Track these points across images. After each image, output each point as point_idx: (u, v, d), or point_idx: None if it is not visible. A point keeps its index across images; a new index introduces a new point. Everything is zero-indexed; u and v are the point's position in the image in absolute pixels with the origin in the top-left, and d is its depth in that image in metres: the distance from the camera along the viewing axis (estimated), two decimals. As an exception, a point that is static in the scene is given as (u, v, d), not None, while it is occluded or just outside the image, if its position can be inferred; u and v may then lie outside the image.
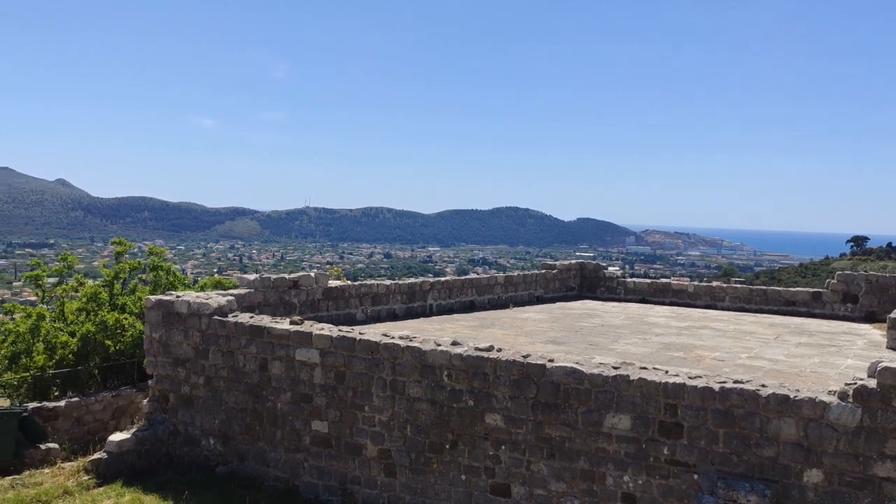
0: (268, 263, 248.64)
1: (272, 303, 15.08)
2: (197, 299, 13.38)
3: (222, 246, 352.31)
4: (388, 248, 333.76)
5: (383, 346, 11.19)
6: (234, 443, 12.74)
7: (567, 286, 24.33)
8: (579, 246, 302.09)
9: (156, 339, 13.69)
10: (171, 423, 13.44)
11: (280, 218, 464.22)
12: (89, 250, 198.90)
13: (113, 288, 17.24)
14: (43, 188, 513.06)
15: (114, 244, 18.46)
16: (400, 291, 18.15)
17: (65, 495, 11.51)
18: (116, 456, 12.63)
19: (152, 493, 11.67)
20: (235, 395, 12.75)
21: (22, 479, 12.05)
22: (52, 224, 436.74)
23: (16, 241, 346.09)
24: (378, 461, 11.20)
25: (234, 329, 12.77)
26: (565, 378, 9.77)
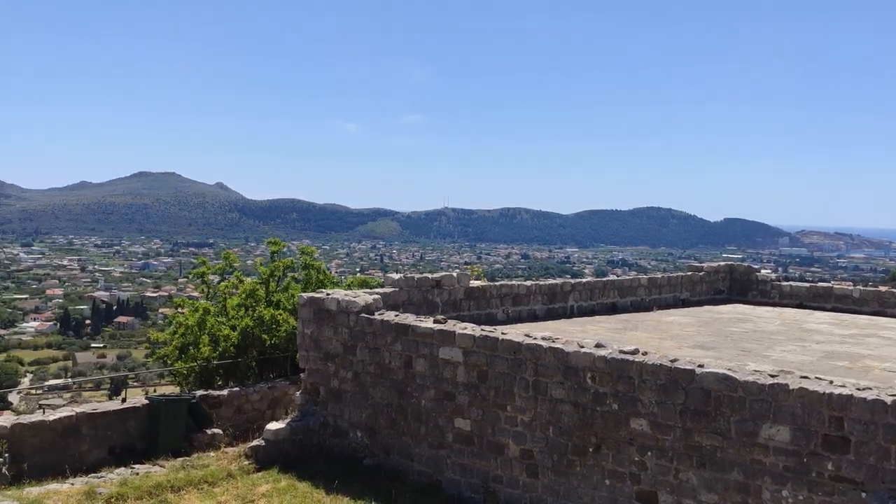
0: (407, 263, 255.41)
1: (416, 302, 15.45)
2: (345, 297, 13.95)
3: (364, 246, 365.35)
4: (525, 248, 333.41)
5: (525, 347, 11.20)
6: (380, 436, 13.18)
7: (715, 289, 23.31)
8: (726, 247, 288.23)
9: (307, 334, 14.40)
10: (321, 415, 14.09)
11: (419, 219, 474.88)
12: (244, 249, 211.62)
13: (269, 285, 18.28)
14: (204, 191, 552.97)
15: (269, 244, 19.57)
16: (541, 292, 18.07)
17: (228, 478, 12.34)
18: (273, 444, 13.40)
19: (305, 481, 12.29)
20: (381, 391, 13.18)
21: (191, 461, 13.05)
22: (212, 225, 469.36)
23: (180, 241, 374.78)
24: (520, 461, 11.22)
25: (381, 327, 13.20)
26: (717, 385, 9.38)
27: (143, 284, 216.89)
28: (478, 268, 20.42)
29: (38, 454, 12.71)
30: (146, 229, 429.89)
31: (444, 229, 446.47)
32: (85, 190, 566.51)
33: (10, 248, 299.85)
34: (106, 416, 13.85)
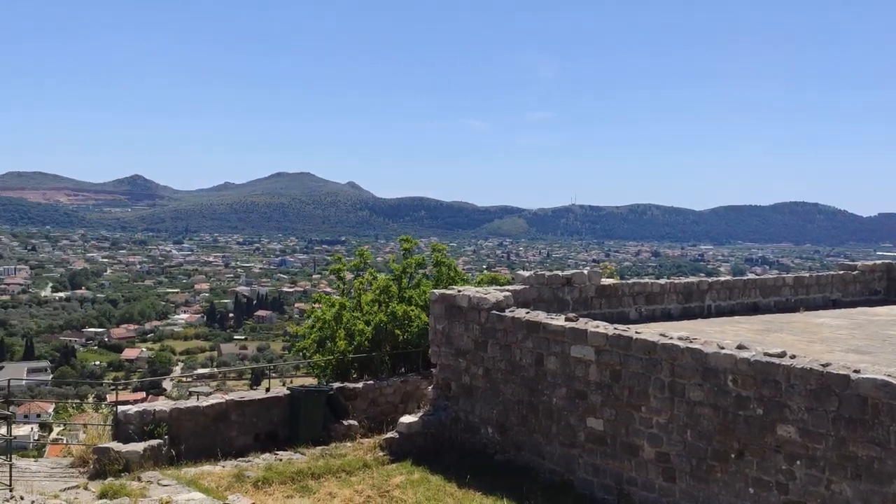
0: (534, 261, 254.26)
1: (546, 299, 15.36)
2: (476, 294, 14.08)
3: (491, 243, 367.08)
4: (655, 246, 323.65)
5: (661, 347, 10.89)
6: (511, 433, 13.20)
7: (871, 290, 21.70)
8: (881, 245, 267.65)
9: (439, 330, 14.65)
10: (453, 411, 14.29)
11: (546, 216, 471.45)
12: (373, 246, 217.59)
13: (401, 282, 18.71)
14: (336, 191, 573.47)
15: (401, 241, 20.03)
16: (675, 291, 17.50)
17: (364, 468, 12.77)
18: (406, 437, 13.74)
19: (438, 474, 12.51)
20: (512, 388, 13.20)
21: (330, 450, 13.61)
22: (344, 223, 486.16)
23: (314, 238, 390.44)
24: (656, 464, 10.92)
25: (512, 324, 13.23)
26: (875, 392, 8.74)
27: (281, 280, 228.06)
28: (610, 265, 19.98)
29: (193, 437, 13.64)
30: (283, 227, 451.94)
31: (572, 226, 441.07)
32: (228, 191, 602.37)
33: (163, 245, 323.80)
34: (252, 405, 14.66)
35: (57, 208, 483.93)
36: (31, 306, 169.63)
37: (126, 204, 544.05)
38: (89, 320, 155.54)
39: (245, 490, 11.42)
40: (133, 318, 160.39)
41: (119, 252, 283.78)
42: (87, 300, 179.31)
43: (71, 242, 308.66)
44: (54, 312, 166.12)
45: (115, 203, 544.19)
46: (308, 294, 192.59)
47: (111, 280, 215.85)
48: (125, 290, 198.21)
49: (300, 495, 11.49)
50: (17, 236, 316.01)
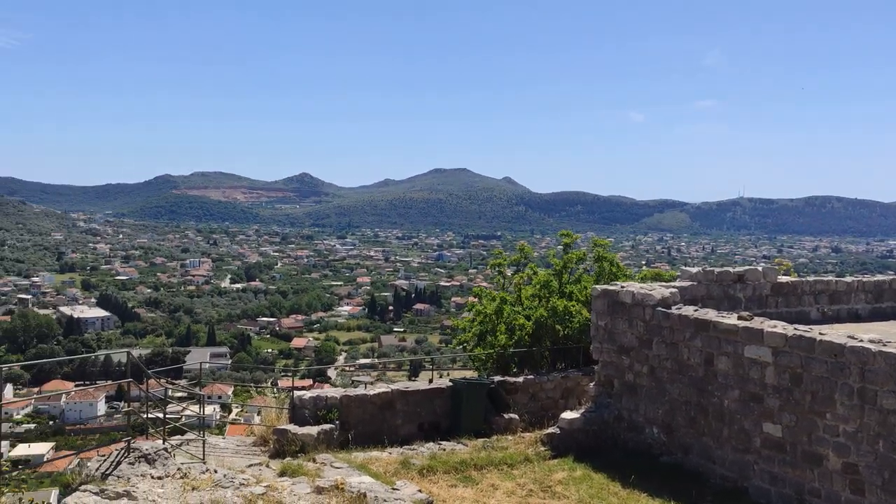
0: (697, 256, 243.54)
1: (715, 297, 14.66)
2: (640, 290, 13.68)
3: (650, 238, 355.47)
4: (836, 241, 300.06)
5: (849, 349, 10.07)
6: (678, 435, 12.73)
7: None
8: None
9: (601, 326, 14.38)
10: (615, 408, 13.99)
11: (710, 210, 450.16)
12: (529, 241, 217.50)
13: (562, 277, 18.57)
14: (492, 186, 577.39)
15: (561, 236, 19.86)
16: (864, 290, 16.13)
17: (525, 461, 12.79)
18: (567, 433, 13.62)
19: (600, 472, 12.30)
20: (679, 388, 12.72)
21: (491, 442, 13.75)
22: (500, 218, 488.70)
23: (471, 233, 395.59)
24: (842, 475, 10.13)
25: (678, 321, 12.74)
26: None
27: (438, 274, 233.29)
28: (786, 261, 18.73)
29: (362, 424, 14.25)
30: (440, 222, 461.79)
31: (739, 220, 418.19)
32: (388, 187, 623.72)
33: (328, 240, 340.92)
34: (416, 395, 15.09)
35: (235, 205, 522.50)
36: (212, 296, 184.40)
37: (294, 201, 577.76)
38: (262, 310, 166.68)
39: (411, 477, 11.77)
40: (301, 308, 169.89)
41: (288, 246, 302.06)
42: (260, 291, 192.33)
43: (246, 237, 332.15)
44: (232, 302, 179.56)
45: (285, 200, 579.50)
46: (464, 288, 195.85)
47: (281, 273, 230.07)
48: (294, 282, 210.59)
49: (463, 485, 11.69)
50: (202, 231, 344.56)
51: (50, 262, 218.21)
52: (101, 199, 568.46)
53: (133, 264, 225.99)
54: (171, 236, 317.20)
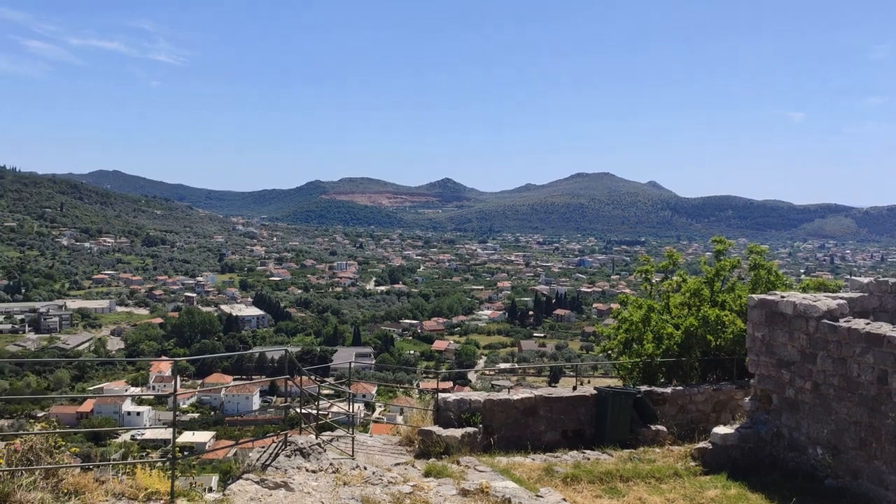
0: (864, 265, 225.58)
1: (889, 310, 13.47)
2: (803, 301, 12.80)
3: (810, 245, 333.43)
4: None
5: None
6: (846, 457, 11.78)
7: None
8: None
9: (758, 338, 13.57)
10: (773, 425, 13.16)
11: (880, 215, 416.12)
12: (675, 247, 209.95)
13: (713, 285, 17.73)
14: (636, 190, 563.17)
15: (713, 242, 18.98)
16: None
17: (674, 476, 12.29)
18: (720, 448, 12.95)
19: (757, 492, 11.60)
20: (847, 406, 11.77)
21: (637, 454, 13.34)
22: (644, 223, 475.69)
23: (613, 239, 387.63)
24: None
25: (848, 335, 11.80)
26: None
27: (579, 280, 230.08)
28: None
29: (505, 428, 14.25)
30: (582, 227, 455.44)
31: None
32: (529, 192, 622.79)
33: (469, 244, 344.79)
34: (559, 402, 14.90)
35: (380, 210, 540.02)
36: (358, 298, 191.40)
37: (437, 205, 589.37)
38: (405, 312, 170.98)
39: (554, 485, 11.62)
40: (442, 311, 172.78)
41: (431, 250, 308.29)
42: (403, 294, 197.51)
43: (391, 241, 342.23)
44: (376, 304, 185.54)
45: (427, 205, 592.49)
46: (607, 294, 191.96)
47: (424, 276, 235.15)
48: (436, 285, 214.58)
49: (609, 496, 11.40)
50: (349, 235, 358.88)
51: (212, 263, 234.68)
52: (257, 204, 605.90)
53: (286, 266, 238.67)
54: (321, 239, 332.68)
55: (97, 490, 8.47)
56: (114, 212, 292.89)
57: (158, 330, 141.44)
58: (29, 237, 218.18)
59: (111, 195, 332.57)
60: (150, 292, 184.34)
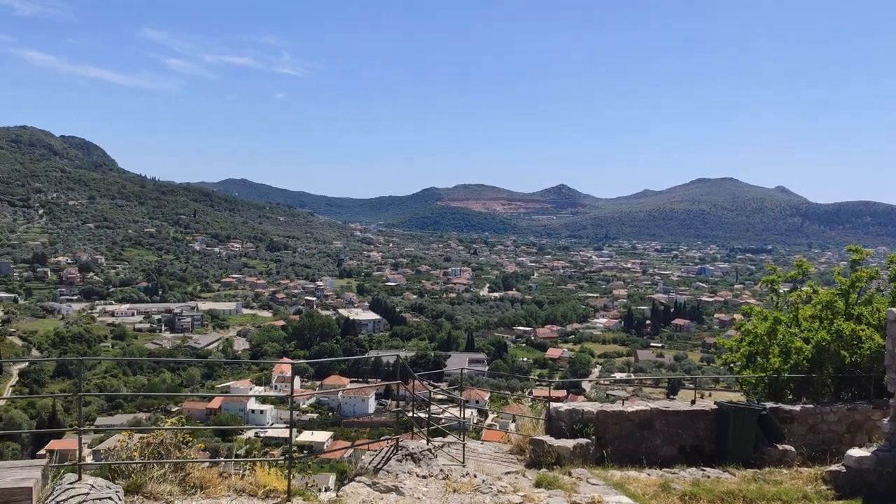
0: None
1: None
2: (952, 315, 11.75)
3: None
4: None
5: None
6: None
7: None
8: None
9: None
10: (917, 450, 12.12)
11: None
12: (806, 256, 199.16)
13: (848, 297, 16.58)
14: (763, 196, 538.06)
15: (848, 251, 17.76)
16: None
17: (803, 500, 11.53)
18: (855, 472, 12.06)
19: (898, 522, 10.72)
20: None
21: (762, 474, 12.62)
22: (770, 230, 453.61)
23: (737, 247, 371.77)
24: None
25: None
26: None
27: (699, 289, 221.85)
28: None
29: (619, 441, 13.85)
30: (703, 234, 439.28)
31: None
32: (647, 198, 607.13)
33: (584, 251, 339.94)
34: (677, 416, 14.33)
35: (494, 216, 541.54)
36: (472, 304, 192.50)
37: (551, 212, 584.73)
38: (519, 319, 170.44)
39: (671, 502, 11.19)
40: (556, 319, 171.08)
41: (544, 257, 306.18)
42: (516, 300, 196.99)
43: (504, 247, 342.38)
44: (490, 310, 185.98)
45: (542, 211, 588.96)
46: (729, 304, 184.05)
47: (537, 283, 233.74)
48: (549, 292, 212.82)
49: (730, 518, 10.85)
50: (463, 241, 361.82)
51: (331, 268, 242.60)
52: (374, 211, 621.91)
53: (401, 271, 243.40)
54: (435, 245, 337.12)
55: (220, 485, 8.87)
56: (241, 218, 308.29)
57: (280, 332, 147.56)
58: (166, 242, 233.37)
59: (239, 202, 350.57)
60: (273, 295, 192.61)
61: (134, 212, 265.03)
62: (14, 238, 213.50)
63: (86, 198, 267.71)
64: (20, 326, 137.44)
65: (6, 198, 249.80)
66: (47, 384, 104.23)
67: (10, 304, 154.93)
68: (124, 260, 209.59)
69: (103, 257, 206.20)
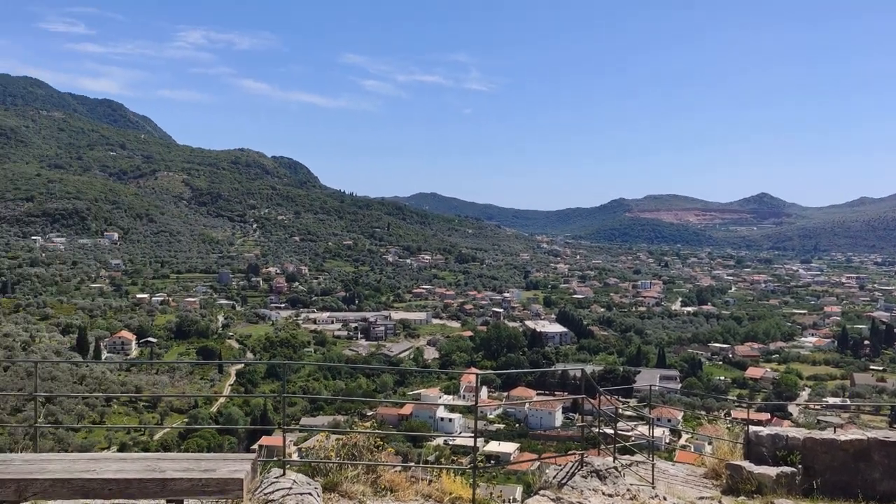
0: None
1: None
2: None
3: None
4: None
5: None
6: None
7: None
8: None
9: None
10: None
11: None
12: None
13: None
14: None
15: None
16: None
17: None
18: None
19: None
20: None
21: None
22: None
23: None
24: None
25: None
26: None
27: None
28: None
29: (829, 472, 12.62)
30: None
31: None
32: (864, 206, 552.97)
33: (789, 264, 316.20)
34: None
35: (686, 227, 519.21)
36: (663, 318, 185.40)
37: (751, 222, 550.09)
38: (714, 335, 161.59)
39: (893, 544, 10.01)
40: (757, 336, 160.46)
41: (743, 270, 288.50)
42: (712, 316, 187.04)
43: (698, 260, 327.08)
44: (682, 325, 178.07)
45: (740, 222, 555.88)
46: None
47: (736, 297, 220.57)
48: (749, 308, 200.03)
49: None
50: (653, 254, 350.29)
51: (518, 280, 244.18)
52: (561, 223, 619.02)
53: (588, 284, 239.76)
54: (624, 258, 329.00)
55: (409, 489, 9.16)
56: (431, 231, 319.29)
57: (468, 342, 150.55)
58: (362, 254, 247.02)
59: (429, 216, 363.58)
60: (462, 306, 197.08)
61: (334, 225, 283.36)
62: (232, 250, 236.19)
63: (292, 213, 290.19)
64: (237, 331, 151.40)
65: (227, 213, 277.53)
66: (259, 384, 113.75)
67: (229, 311, 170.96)
68: (325, 271, 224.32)
69: (307, 268, 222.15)
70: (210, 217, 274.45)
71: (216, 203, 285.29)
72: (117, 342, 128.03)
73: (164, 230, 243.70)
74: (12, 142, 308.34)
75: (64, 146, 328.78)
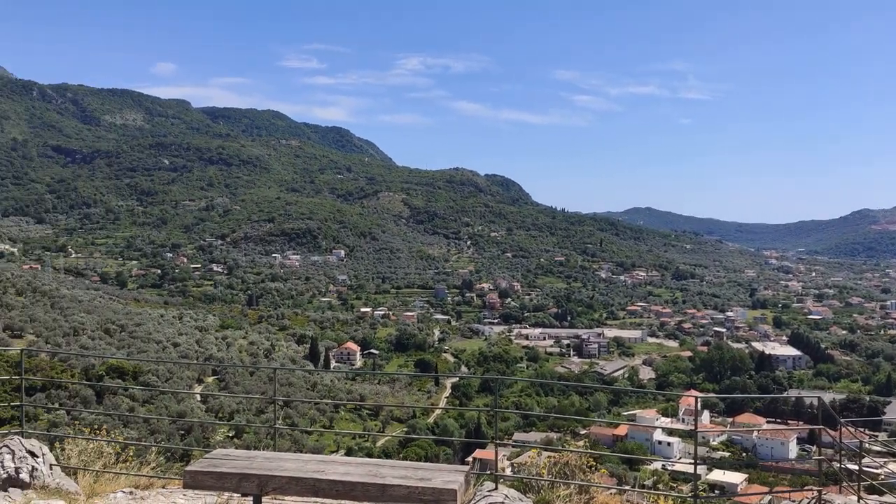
0: None
1: None
2: None
3: None
4: None
5: None
6: None
7: None
8: None
9: None
10: None
11: None
12: None
13: None
14: None
15: None
16: None
17: None
18: None
19: None
20: None
21: None
22: None
23: None
24: None
25: None
26: None
27: None
28: None
29: None
30: None
31: None
32: None
33: None
34: None
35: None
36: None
37: None
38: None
39: None
40: None
41: None
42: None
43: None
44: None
45: None
46: None
47: None
48: None
49: None
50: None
51: (742, 298, 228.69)
52: (793, 237, 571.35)
53: (826, 303, 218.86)
54: (869, 275, 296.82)
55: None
56: (646, 246, 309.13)
57: (687, 363, 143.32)
58: (574, 270, 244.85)
59: (643, 231, 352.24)
60: (680, 325, 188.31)
61: (545, 242, 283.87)
62: (448, 266, 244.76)
63: (504, 230, 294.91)
64: (452, 345, 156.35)
65: (443, 231, 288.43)
66: (473, 398, 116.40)
67: (445, 325, 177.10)
68: (537, 287, 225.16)
69: (519, 284, 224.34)
70: (427, 234, 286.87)
71: (432, 221, 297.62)
72: (344, 352, 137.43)
73: (385, 247, 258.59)
74: (258, 169, 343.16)
75: (299, 171, 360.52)
